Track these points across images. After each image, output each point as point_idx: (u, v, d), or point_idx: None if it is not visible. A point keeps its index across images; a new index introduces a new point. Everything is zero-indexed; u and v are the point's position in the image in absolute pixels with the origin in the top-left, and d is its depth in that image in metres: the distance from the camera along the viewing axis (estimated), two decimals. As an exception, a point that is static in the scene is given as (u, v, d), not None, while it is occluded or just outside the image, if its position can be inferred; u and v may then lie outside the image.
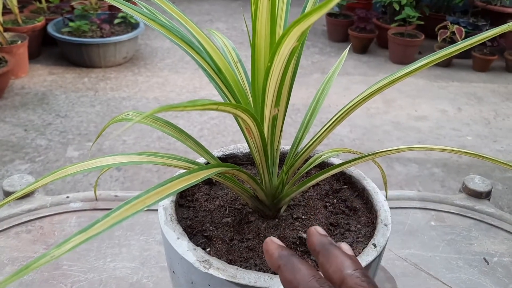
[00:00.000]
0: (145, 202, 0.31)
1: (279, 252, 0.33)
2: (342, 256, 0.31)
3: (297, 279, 0.30)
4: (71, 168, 0.38)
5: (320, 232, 0.34)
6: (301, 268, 0.30)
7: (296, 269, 0.30)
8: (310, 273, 0.30)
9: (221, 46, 0.52)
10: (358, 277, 0.28)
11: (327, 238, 0.33)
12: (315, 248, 0.33)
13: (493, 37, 0.39)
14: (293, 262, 0.31)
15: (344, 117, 0.45)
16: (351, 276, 0.29)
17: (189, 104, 0.26)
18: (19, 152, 2.00)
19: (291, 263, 0.31)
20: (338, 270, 0.30)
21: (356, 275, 0.29)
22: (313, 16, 0.26)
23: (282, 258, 0.32)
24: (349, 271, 0.29)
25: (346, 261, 0.30)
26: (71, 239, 0.26)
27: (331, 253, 0.31)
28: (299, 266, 0.31)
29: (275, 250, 0.33)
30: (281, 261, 0.32)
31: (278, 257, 0.32)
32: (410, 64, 0.42)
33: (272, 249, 0.33)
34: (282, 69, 0.34)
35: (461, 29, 2.92)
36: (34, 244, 0.69)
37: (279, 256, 0.32)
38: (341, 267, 0.30)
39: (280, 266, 0.32)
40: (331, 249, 0.32)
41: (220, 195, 0.52)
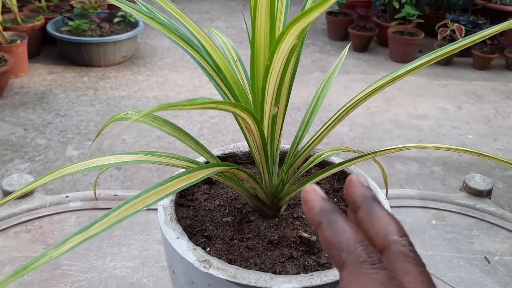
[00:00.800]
0: (145, 201, 0.31)
1: (322, 205, 0.28)
2: (387, 218, 0.27)
3: (341, 242, 0.26)
4: (70, 167, 0.38)
5: (363, 183, 0.30)
6: (346, 230, 0.27)
7: (341, 230, 0.27)
8: (357, 237, 0.26)
9: (221, 44, 0.51)
10: (404, 246, 0.26)
11: (371, 192, 0.29)
12: (356, 200, 0.29)
13: (493, 35, 0.39)
14: (338, 221, 0.27)
15: (345, 116, 0.45)
16: (397, 244, 0.26)
17: (188, 103, 0.26)
18: (19, 151, 2.00)
19: (335, 222, 0.27)
20: (383, 233, 0.26)
21: (402, 242, 0.26)
22: (312, 14, 0.26)
23: (324, 213, 0.28)
24: (395, 237, 0.26)
25: (392, 225, 0.27)
26: (70, 239, 0.26)
27: (374, 211, 0.28)
28: (344, 226, 0.27)
29: (317, 202, 0.28)
30: (323, 216, 0.28)
31: (320, 212, 0.28)
32: (410, 62, 0.42)
33: (314, 200, 0.28)
34: (281, 67, 0.34)
35: (461, 27, 2.92)
36: (34, 243, 0.69)
37: (321, 210, 0.28)
38: (386, 230, 0.26)
39: (321, 223, 0.27)
40: (376, 207, 0.28)
41: (220, 194, 0.52)
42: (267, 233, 0.45)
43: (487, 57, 3.07)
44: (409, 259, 0.25)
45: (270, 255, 0.43)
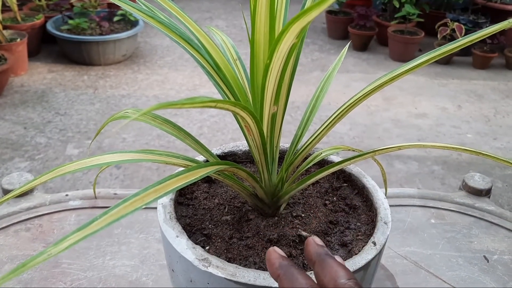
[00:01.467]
0: (144, 199, 0.31)
1: (280, 262, 0.34)
2: (336, 266, 0.32)
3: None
4: (70, 166, 0.38)
5: (317, 242, 0.35)
6: (298, 278, 0.32)
7: (294, 279, 0.32)
8: (307, 282, 0.31)
9: (220, 43, 0.51)
10: (351, 286, 0.30)
11: (324, 249, 0.34)
12: (312, 258, 0.34)
13: (493, 34, 0.39)
14: (292, 272, 0.33)
15: (344, 115, 0.45)
16: (344, 285, 0.30)
17: (188, 102, 0.26)
18: (19, 150, 2.00)
19: (290, 273, 0.33)
20: (332, 279, 0.31)
21: (349, 284, 0.30)
22: (312, 12, 0.26)
23: (282, 268, 0.33)
24: (342, 280, 0.30)
25: (340, 271, 0.31)
26: (68, 237, 0.26)
27: (326, 263, 0.33)
28: (297, 276, 0.32)
29: (276, 260, 0.34)
30: (280, 270, 0.33)
31: (278, 267, 0.33)
32: (410, 61, 0.42)
33: (273, 258, 0.34)
34: (281, 66, 0.34)
35: (461, 26, 2.92)
36: (33, 242, 0.69)
37: (280, 265, 0.33)
38: (335, 276, 0.31)
39: (279, 275, 0.33)
40: (326, 259, 0.33)
41: (219, 193, 0.52)
42: (266, 232, 0.45)
43: (487, 56, 3.07)
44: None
45: (270, 254, 0.43)
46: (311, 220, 0.48)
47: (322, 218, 0.48)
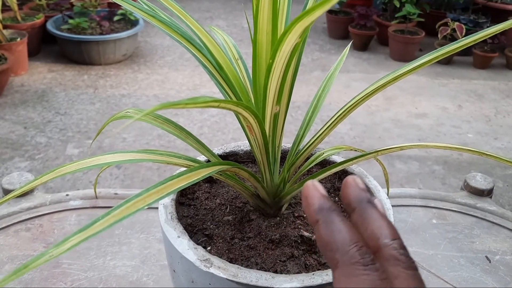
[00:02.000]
0: (146, 200, 0.31)
1: (321, 203, 0.28)
2: (381, 221, 0.27)
3: (336, 242, 0.26)
4: (70, 166, 0.38)
5: (359, 184, 0.30)
6: (341, 230, 0.27)
7: (336, 230, 0.27)
8: (352, 238, 0.26)
9: (222, 43, 0.51)
10: (395, 249, 0.26)
11: (366, 195, 0.29)
12: (351, 203, 0.29)
13: (494, 34, 0.39)
14: (334, 221, 0.27)
15: (346, 115, 0.45)
16: (389, 247, 0.26)
17: (190, 102, 0.26)
18: (19, 149, 2.00)
19: (332, 221, 0.27)
20: (375, 236, 0.27)
21: (393, 245, 0.26)
22: (315, 12, 0.26)
23: (322, 212, 0.28)
24: (386, 240, 0.26)
25: (385, 228, 0.27)
26: (70, 238, 0.26)
27: (368, 214, 0.28)
28: (340, 226, 0.27)
29: (316, 199, 0.28)
30: (321, 215, 0.28)
31: (318, 210, 0.28)
32: (411, 61, 0.42)
33: (313, 197, 0.29)
34: (284, 66, 0.34)
35: (461, 26, 2.91)
36: (34, 242, 0.69)
37: (320, 208, 0.28)
38: (378, 233, 0.27)
39: (318, 221, 0.28)
40: (369, 210, 0.28)
41: (221, 193, 0.52)
42: (268, 232, 0.45)
43: (488, 56, 3.06)
44: (400, 262, 0.25)
45: (271, 254, 0.43)
46: (313, 221, 0.48)
47: (324, 219, 0.48)
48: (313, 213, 0.28)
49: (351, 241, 0.26)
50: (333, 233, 0.27)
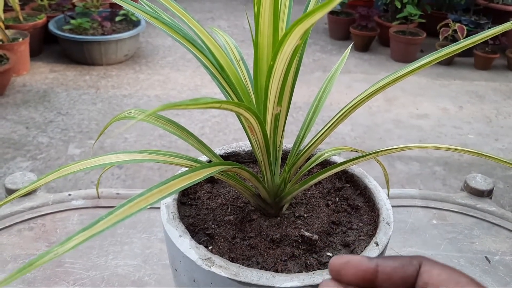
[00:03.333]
0: (148, 200, 0.31)
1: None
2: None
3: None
4: (73, 166, 0.38)
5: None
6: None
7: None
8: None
9: (223, 44, 0.52)
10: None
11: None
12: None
13: (495, 35, 0.39)
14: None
15: (347, 116, 0.45)
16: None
17: (192, 103, 0.26)
18: (21, 149, 2.00)
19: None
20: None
21: None
22: (316, 14, 0.26)
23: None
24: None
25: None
26: (74, 237, 0.27)
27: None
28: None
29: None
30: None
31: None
32: (412, 62, 0.42)
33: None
34: (284, 67, 0.34)
35: (462, 27, 2.91)
36: (36, 241, 0.69)
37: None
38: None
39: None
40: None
41: (222, 193, 0.52)
42: (269, 232, 0.46)
43: (489, 57, 3.06)
44: None
45: (272, 254, 0.43)
46: (313, 221, 0.48)
47: (325, 219, 0.48)
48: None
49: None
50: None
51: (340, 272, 0.27)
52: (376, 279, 0.27)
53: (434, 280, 0.26)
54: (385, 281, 0.27)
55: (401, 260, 0.27)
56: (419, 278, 0.26)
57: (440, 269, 0.26)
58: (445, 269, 0.26)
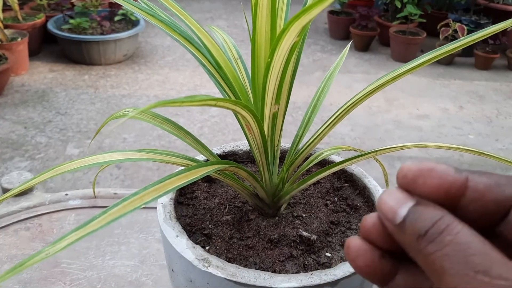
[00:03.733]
0: (143, 199, 0.31)
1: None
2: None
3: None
4: (70, 164, 0.37)
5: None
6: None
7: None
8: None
9: (221, 42, 0.51)
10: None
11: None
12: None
13: (496, 35, 0.39)
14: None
15: (345, 114, 0.45)
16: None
17: (187, 100, 0.26)
18: (19, 149, 2.00)
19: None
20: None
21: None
22: (313, 10, 0.26)
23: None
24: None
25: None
26: (67, 236, 0.26)
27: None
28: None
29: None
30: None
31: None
32: (411, 61, 0.41)
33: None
34: (282, 65, 0.33)
35: (463, 27, 2.91)
36: (33, 241, 0.69)
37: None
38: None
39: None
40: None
41: (219, 193, 0.52)
42: (267, 232, 0.45)
43: (489, 57, 3.06)
44: None
45: (270, 254, 0.43)
46: (312, 220, 0.47)
47: (323, 219, 0.48)
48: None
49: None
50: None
51: (417, 180, 0.21)
52: (463, 196, 0.21)
53: None
54: (474, 200, 0.21)
55: (497, 178, 0.21)
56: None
57: None
58: None
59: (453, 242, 0.19)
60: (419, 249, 0.19)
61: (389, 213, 0.21)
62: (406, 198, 0.21)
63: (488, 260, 0.18)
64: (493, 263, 0.18)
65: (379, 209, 0.22)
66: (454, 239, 0.19)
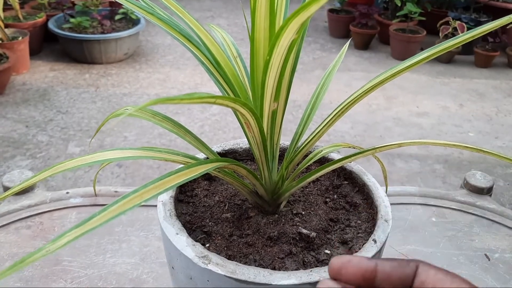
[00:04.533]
0: (143, 196, 0.31)
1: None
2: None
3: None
4: (70, 162, 0.38)
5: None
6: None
7: None
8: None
9: (221, 41, 0.51)
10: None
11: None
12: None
13: (495, 33, 0.39)
14: None
15: (345, 112, 0.45)
16: None
17: (186, 97, 0.26)
18: (20, 148, 2.00)
19: None
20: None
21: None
22: (312, 7, 0.26)
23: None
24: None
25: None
26: (67, 233, 0.26)
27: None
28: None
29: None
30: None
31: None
32: (410, 58, 0.42)
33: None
34: (281, 62, 0.34)
35: (463, 25, 2.91)
36: (34, 239, 0.69)
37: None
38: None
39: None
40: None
41: (219, 190, 0.52)
42: (266, 229, 0.45)
43: (489, 55, 3.06)
44: None
45: (270, 251, 0.43)
46: (311, 218, 0.48)
47: (323, 216, 0.48)
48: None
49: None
50: None
51: (340, 271, 0.28)
52: (375, 278, 0.27)
53: (431, 280, 0.27)
54: (384, 280, 0.27)
55: (399, 261, 0.28)
56: (416, 278, 0.27)
57: (436, 270, 0.27)
58: (441, 270, 0.27)
59: None
60: None
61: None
62: (334, 285, 0.28)
63: None
64: None
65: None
66: None
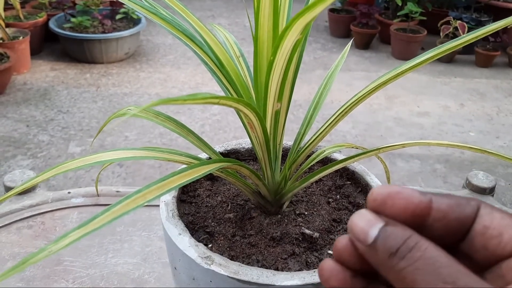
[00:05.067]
0: (146, 197, 0.31)
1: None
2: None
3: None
4: (72, 163, 0.38)
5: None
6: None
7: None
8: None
9: (223, 40, 0.51)
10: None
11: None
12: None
13: (496, 32, 0.39)
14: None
15: (347, 113, 0.45)
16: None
17: (189, 98, 0.26)
18: (21, 147, 2.00)
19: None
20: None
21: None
22: (317, 8, 0.26)
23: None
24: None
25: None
26: (69, 234, 0.26)
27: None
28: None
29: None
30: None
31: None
32: (412, 58, 0.41)
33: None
34: (285, 63, 0.33)
35: (464, 24, 2.90)
36: (36, 239, 0.69)
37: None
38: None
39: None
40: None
41: (222, 190, 0.52)
42: (269, 230, 0.45)
43: (490, 55, 3.05)
44: None
45: (272, 252, 0.43)
46: (314, 218, 0.47)
47: (326, 216, 0.48)
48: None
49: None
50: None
51: (385, 202, 0.23)
52: (428, 216, 0.23)
53: (496, 224, 0.22)
54: (438, 220, 0.23)
55: (457, 199, 0.23)
56: (477, 220, 0.23)
57: (502, 214, 0.23)
58: (507, 214, 0.23)
59: (423, 257, 0.20)
60: (391, 266, 0.21)
61: (361, 234, 0.22)
62: (376, 220, 0.22)
63: (455, 272, 0.20)
64: (459, 275, 0.20)
65: (350, 231, 0.23)
66: (423, 254, 0.20)
